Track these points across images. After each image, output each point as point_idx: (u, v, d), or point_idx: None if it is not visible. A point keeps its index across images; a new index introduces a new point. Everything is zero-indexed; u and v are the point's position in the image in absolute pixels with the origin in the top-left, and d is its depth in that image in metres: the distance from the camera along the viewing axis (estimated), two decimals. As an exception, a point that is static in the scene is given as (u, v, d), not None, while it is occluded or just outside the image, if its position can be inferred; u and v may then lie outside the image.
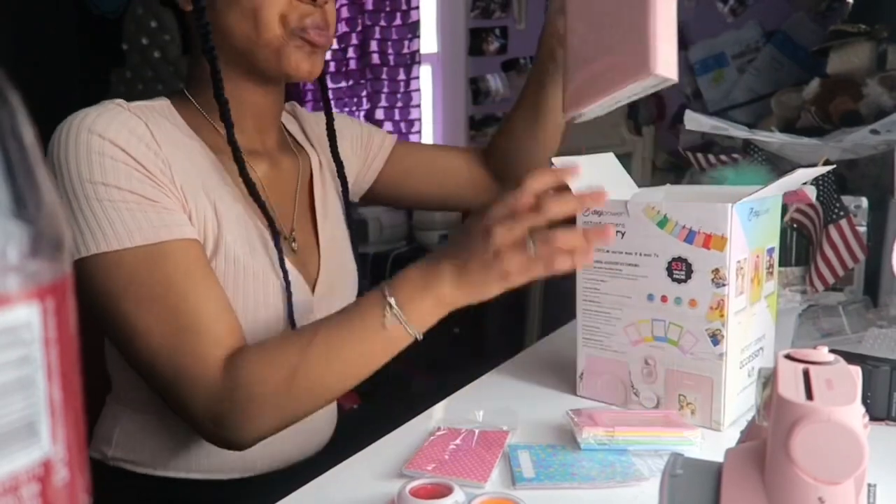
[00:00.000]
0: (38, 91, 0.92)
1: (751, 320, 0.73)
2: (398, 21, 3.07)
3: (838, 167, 1.24)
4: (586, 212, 0.75)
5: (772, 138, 1.29)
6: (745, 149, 1.36)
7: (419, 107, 3.09)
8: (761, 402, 0.38)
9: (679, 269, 0.70)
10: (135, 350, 0.67)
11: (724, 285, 0.67)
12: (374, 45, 3.12)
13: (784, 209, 1.05)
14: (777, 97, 1.92)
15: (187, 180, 0.71)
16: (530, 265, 0.63)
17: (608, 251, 0.74)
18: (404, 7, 3.05)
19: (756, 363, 0.75)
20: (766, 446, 0.35)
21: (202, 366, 0.65)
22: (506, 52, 2.92)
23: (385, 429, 0.71)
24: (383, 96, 3.14)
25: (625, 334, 0.75)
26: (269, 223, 0.76)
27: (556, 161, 0.70)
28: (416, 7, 3.04)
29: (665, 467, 0.38)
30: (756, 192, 0.68)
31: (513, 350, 0.98)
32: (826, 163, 1.12)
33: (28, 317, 0.17)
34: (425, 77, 3.12)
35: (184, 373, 0.65)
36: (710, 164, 1.36)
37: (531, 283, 0.64)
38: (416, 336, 0.67)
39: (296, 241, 0.83)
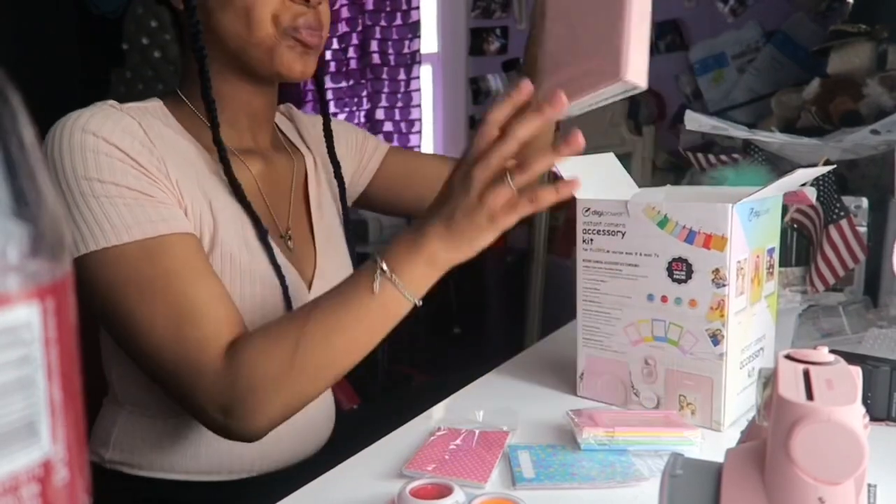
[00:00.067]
0: (39, 91, 0.91)
1: (751, 320, 0.73)
2: (398, 21, 3.08)
3: (838, 167, 1.24)
4: (586, 212, 0.75)
5: (772, 138, 1.29)
6: (745, 149, 1.36)
7: (419, 107, 3.10)
8: (761, 403, 0.38)
9: (679, 270, 0.70)
10: (138, 345, 0.66)
11: (724, 285, 0.67)
12: (374, 45, 3.12)
13: (784, 209, 1.05)
14: (777, 97, 1.92)
15: (182, 177, 0.71)
16: (515, 202, 0.63)
17: (608, 251, 0.74)
18: (405, 7, 3.05)
19: (756, 363, 0.75)
20: (767, 446, 0.35)
21: (206, 356, 0.65)
22: (506, 52, 2.92)
23: (385, 429, 0.70)
24: (384, 96, 3.15)
25: (625, 334, 0.75)
26: (254, 222, 0.76)
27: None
28: (417, 7, 3.04)
29: (665, 467, 0.38)
30: (756, 192, 0.69)
31: (513, 350, 0.98)
32: (826, 163, 1.12)
33: (28, 317, 0.17)
34: (426, 77, 3.13)
35: (188, 364, 0.65)
36: (711, 164, 1.36)
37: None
38: (415, 301, 0.67)
39: (291, 240, 0.83)
